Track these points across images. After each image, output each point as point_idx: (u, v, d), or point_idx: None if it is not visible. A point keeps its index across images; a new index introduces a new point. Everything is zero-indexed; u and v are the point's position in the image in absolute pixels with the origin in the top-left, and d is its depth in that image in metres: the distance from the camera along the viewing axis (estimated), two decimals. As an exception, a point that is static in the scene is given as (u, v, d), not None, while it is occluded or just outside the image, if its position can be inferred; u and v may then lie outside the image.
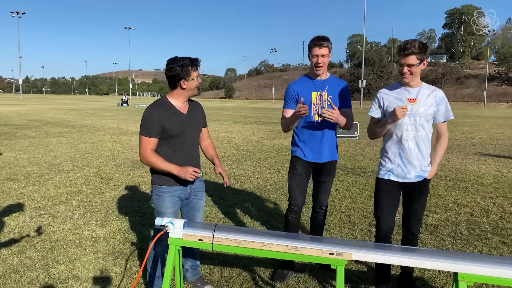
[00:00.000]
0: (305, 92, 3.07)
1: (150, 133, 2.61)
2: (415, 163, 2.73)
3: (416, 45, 2.57)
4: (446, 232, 4.30)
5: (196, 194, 2.88)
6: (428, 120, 2.71)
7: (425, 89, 2.72)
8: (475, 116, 30.19)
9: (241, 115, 27.87)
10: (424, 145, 2.73)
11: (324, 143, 3.12)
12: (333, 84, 3.11)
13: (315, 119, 3.07)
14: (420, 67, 2.63)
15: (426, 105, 2.69)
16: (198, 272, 3.09)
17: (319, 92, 3.06)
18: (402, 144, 2.73)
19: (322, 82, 3.09)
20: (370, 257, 2.03)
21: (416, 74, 2.65)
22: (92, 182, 6.40)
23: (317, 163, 3.17)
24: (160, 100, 2.70)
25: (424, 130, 2.70)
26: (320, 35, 3.01)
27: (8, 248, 3.71)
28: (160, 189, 2.72)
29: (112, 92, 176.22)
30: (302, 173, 3.20)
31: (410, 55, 2.58)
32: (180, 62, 2.57)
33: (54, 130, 14.60)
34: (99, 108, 35.09)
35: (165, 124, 2.61)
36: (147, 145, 2.62)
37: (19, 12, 63.60)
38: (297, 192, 3.23)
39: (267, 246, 2.14)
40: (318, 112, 3.07)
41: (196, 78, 2.64)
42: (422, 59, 2.60)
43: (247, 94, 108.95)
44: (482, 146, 11.82)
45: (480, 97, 65.31)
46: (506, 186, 6.54)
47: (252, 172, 7.47)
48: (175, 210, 2.78)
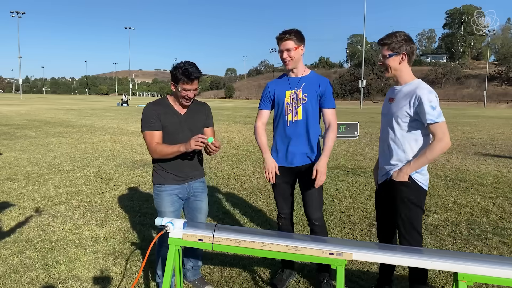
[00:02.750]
0: (280, 91, 2.91)
1: (152, 127, 2.63)
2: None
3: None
4: (446, 232, 4.30)
5: (196, 195, 2.87)
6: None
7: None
8: (475, 116, 30.19)
9: (241, 115, 27.87)
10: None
11: (295, 145, 2.86)
12: (310, 81, 2.86)
13: (289, 119, 2.86)
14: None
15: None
16: (199, 272, 3.09)
17: (294, 90, 2.85)
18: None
19: (297, 79, 2.88)
20: (370, 257, 2.03)
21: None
22: (92, 182, 6.39)
23: (292, 168, 2.90)
24: (159, 99, 2.77)
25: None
26: (286, 29, 2.80)
27: (8, 248, 3.71)
28: (158, 187, 2.75)
29: (112, 92, 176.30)
30: (280, 182, 2.94)
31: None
32: (178, 66, 2.59)
33: (54, 130, 14.60)
34: (99, 108, 35.08)
35: (162, 119, 2.66)
36: (152, 139, 2.63)
37: (19, 12, 63.67)
38: (281, 200, 3.03)
39: (267, 246, 2.14)
40: (291, 111, 2.84)
41: (185, 90, 2.59)
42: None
43: (247, 94, 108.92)
44: (482, 146, 11.82)
45: (480, 97, 65.32)
46: (506, 186, 6.54)
47: (252, 172, 7.47)
48: (175, 210, 2.77)
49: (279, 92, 2.91)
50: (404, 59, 2.48)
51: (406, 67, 2.52)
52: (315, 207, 2.90)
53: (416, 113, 2.42)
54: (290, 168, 2.91)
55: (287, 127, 2.87)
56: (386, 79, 72.31)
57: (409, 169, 2.45)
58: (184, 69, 2.56)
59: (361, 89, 52.02)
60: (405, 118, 2.46)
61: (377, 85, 78.01)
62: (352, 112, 35.80)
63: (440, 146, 2.37)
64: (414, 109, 2.41)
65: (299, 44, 2.80)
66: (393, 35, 2.48)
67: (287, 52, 2.78)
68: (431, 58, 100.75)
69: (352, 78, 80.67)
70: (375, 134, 15.16)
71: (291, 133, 2.86)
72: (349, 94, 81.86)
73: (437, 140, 2.37)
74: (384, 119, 2.66)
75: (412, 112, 2.43)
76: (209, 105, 2.99)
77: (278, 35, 2.81)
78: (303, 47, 2.84)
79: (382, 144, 2.67)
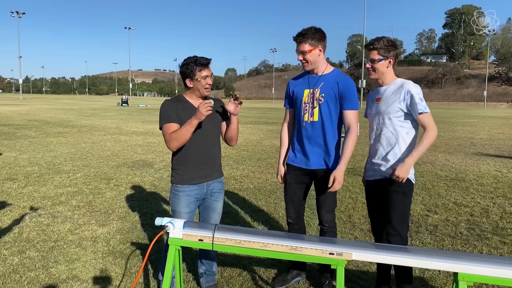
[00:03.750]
0: (299, 89, 2.84)
1: (170, 119, 2.60)
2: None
3: (382, 41, 2.60)
4: (446, 232, 4.30)
5: (212, 194, 2.81)
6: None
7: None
8: (475, 116, 30.19)
9: (241, 115, 27.86)
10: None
11: (313, 147, 2.78)
12: (330, 80, 2.72)
13: (304, 119, 2.78)
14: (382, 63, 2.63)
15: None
16: (213, 279, 2.98)
17: (312, 89, 2.75)
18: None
19: (317, 78, 2.76)
20: (370, 257, 2.03)
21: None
22: (92, 182, 6.39)
23: (308, 170, 2.84)
24: (176, 96, 2.76)
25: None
26: (300, 31, 2.69)
27: (8, 248, 3.71)
28: (176, 187, 2.72)
29: (112, 92, 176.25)
30: (291, 182, 2.91)
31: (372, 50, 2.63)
32: (187, 60, 2.62)
33: (54, 130, 14.60)
34: (99, 108, 35.08)
35: (180, 114, 2.63)
36: (169, 131, 2.58)
37: (19, 12, 63.59)
38: (289, 204, 2.96)
39: (267, 246, 2.14)
40: (308, 111, 2.76)
41: (203, 78, 2.62)
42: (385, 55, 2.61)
43: (247, 94, 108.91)
44: (482, 146, 11.82)
45: (480, 97, 65.33)
46: (506, 186, 6.54)
47: (252, 172, 7.47)
48: (190, 211, 2.73)
49: (298, 90, 2.85)
50: (391, 63, 2.65)
51: (391, 69, 2.69)
52: (326, 209, 2.87)
53: (406, 107, 2.58)
54: (306, 170, 2.85)
55: (303, 128, 2.81)
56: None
57: (410, 163, 2.55)
58: (195, 59, 2.60)
59: (361, 89, 52.04)
60: (396, 113, 2.60)
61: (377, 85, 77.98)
62: (352, 112, 35.72)
63: (433, 134, 2.55)
64: (405, 102, 2.58)
65: (316, 45, 2.68)
66: (381, 39, 2.62)
67: (302, 55, 2.70)
68: (431, 58, 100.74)
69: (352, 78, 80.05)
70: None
71: (307, 134, 2.79)
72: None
73: (429, 129, 2.55)
74: (373, 119, 2.76)
75: (404, 106, 2.58)
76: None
77: (294, 36, 2.71)
78: (322, 47, 2.71)
79: (374, 144, 2.76)
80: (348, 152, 2.67)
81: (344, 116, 2.74)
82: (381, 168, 2.69)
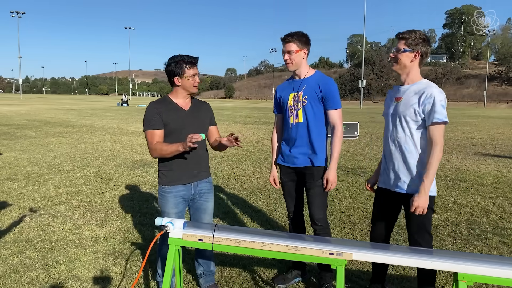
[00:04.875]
0: (285, 94, 2.97)
1: (153, 125, 2.64)
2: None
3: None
4: (446, 232, 4.30)
5: (201, 195, 2.83)
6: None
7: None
8: (475, 116, 30.19)
9: (241, 115, 27.87)
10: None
11: (297, 147, 2.90)
12: (312, 83, 2.84)
13: (291, 122, 2.91)
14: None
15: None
16: (213, 279, 2.98)
17: (296, 92, 2.88)
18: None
19: (300, 81, 2.89)
20: (370, 257, 2.03)
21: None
22: (92, 182, 6.39)
23: (296, 168, 2.95)
24: (161, 98, 2.77)
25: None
26: (288, 32, 2.83)
27: (8, 248, 3.71)
28: (163, 188, 2.76)
29: (112, 92, 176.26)
30: (286, 180, 3.05)
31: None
32: (175, 59, 2.63)
33: (54, 130, 14.60)
34: (99, 108, 35.08)
35: (165, 117, 2.65)
36: (152, 138, 2.64)
37: (19, 12, 63.62)
38: (288, 200, 3.13)
39: (267, 246, 2.14)
40: (293, 114, 2.89)
41: (192, 76, 2.65)
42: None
43: (247, 94, 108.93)
44: (482, 146, 11.82)
45: (480, 97, 65.29)
46: (506, 186, 6.54)
47: (252, 172, 7.47)
48: (179, 211, 2.76)
49: (284, 95, 2.98)
50: (416, 58, 2.46)
51: (416, 66, 2.50)
52: (317, 207, 2.89)
53: (424, 111, 2.38)
54: (294, 168, 2.97)
55: (290, 129, 2.93)
56: (386, 79, 71.55)
57: (427, 190, 2.37)
58: (183, 57, 2.63)
59: (361, 89, 52.04)
60: (413, 116, 2.42)
61: (377, 85, 77.99)
62: (352, 112, 35.79)
63: (440, 150, 2.35)
64: (424, 107, 2.38)
65: (302, 48, 2.81)
66: (413, 32, 2.47)
67: (289, 54, 2.81)
68: (431, 58, 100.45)
69: (352, 78, 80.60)
70: (375, 134, 15.16)
71: (293, 135, 2.91)
72: (349, 94, 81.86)
73: (436, 144, 2.35)
74: (390, 118, 2.58)
75: (421, 109, 2.39)
76: (209, 104, 3.01)
77: (282, 36, 2.85)
78: (307, 51, 2.85)
79: (389, 145, 2.59)
80: (336, 151, 2.82)
81: (328, 116, 2.87)
82: (398, 182, 2.53)
